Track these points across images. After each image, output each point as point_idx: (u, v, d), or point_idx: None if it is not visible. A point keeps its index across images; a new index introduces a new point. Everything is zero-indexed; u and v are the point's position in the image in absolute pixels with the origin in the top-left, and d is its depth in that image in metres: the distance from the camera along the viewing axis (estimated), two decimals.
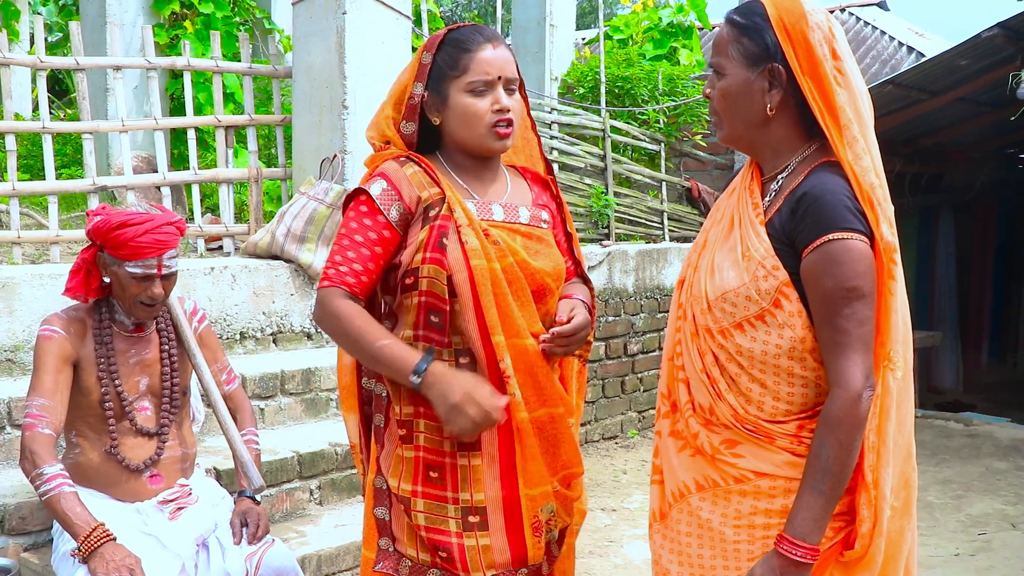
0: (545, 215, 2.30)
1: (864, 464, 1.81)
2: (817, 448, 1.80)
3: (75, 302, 2.91)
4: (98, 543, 2.54)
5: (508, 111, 2.16)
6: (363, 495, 2.32)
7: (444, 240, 2.10)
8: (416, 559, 2.17)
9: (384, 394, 2.25)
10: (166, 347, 2.95)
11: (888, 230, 1.81)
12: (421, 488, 2.14)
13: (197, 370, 3.00)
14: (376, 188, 2.15)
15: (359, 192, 2.18)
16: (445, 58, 2.16)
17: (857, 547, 1.83)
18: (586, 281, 2.41)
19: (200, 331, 3.07)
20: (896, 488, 1.86)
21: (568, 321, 2.16)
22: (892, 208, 1.85)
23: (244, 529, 2.81)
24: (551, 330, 2.15)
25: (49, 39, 9.80)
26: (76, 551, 2.58)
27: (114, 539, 2.57)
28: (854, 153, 1.82)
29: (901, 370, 1.83)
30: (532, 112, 2.44)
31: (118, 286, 2.81)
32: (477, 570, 2.12)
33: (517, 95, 2.21)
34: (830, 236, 1.78)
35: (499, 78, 2.15)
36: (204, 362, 3.01)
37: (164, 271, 2.80)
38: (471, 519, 2.11)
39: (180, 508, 2.85)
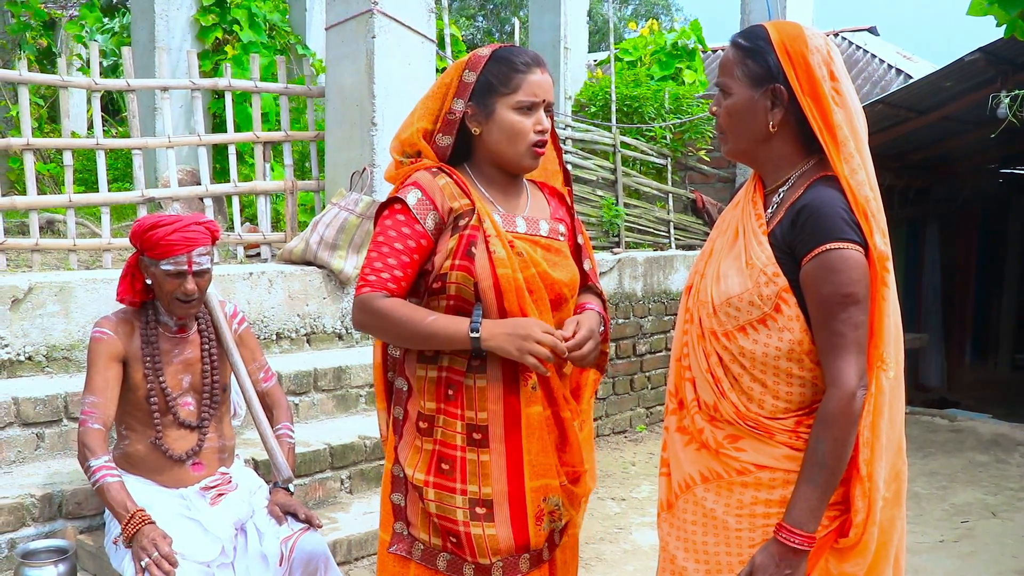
0: (562, 228, 2.27)
1: (859, 458, 1.80)
2: (814, 443, 1.79)
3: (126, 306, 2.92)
4: (137, 528, 2.55)
5: (547, 132, 2.15)
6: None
7: (472, 249, 2.07)
8: (428, 543, 2.16)
9: (404, 388, 2.22)
10: (207, 347, 2.96)
11: (881, 240, 1.80)
12: (433, 478, 2.12)
13: (234, 369, 3.00)
14: (412, 198, 2.10)
15: (395, 200, 2.13)
16: (496, 74, 2.12)
17: (852, 535, 1.82)
18: (598, 294, 2.35)
19: (240, 332, 3.07)
20: (888, 480, 1.84)
21: (573, 336, 2.09)
22: (885, 219, 1.83)
23: (285, 516, 2.81)
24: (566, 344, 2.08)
25: (104, 63, 9.88)
26: (118, 538, 2.60)
27: (152, 522, 2.58)
28: (850, 168, 1.81)
29: (893, 370, 1.82)
30: None
31: (157, 285, 2.82)
32: (484, 556, 2.10)
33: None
34: (828, 246, 1.77)
35: (543, 101, 2.13)
36: (241, 361, 3.01)
37: (195, 267, 2.80)
38: (478, 510, 2.09)
39: (220, 494, 2.86)
